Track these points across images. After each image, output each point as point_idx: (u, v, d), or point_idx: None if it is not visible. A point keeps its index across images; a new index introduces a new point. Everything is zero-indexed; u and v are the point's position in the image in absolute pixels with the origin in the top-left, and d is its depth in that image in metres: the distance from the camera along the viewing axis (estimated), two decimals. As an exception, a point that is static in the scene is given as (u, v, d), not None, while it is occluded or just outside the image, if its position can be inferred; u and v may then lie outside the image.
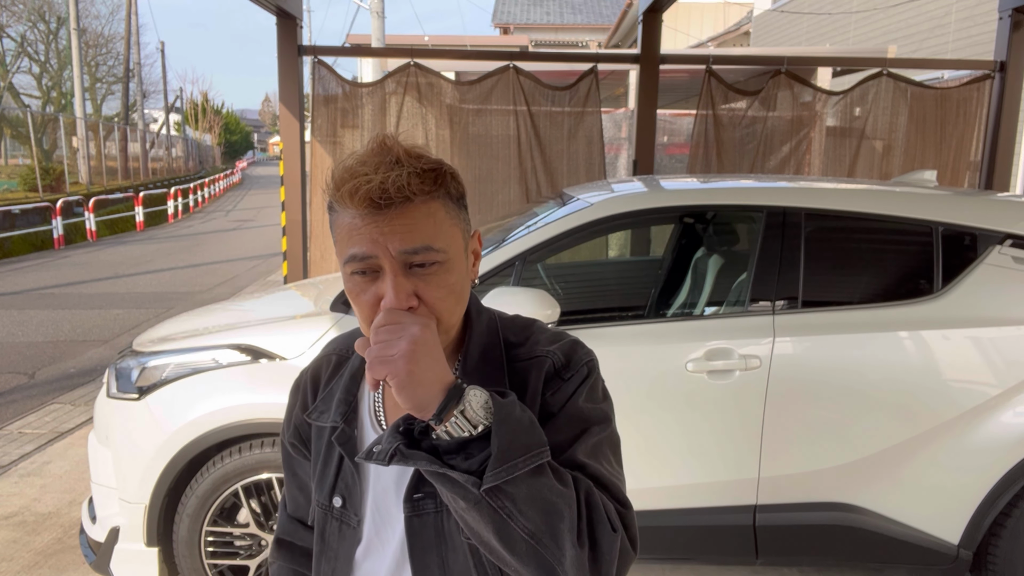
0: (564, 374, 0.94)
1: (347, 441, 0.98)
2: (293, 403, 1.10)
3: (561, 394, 0.93)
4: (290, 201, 5.16)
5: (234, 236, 15.75)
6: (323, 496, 1.00)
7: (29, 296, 9.03)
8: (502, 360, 0.95)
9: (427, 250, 0.84)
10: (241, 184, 35.06)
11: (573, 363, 0.95)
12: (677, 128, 6.76)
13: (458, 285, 0.88)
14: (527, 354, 0.96)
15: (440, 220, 0.86)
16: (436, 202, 0.86)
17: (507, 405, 0.79)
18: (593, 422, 0.92)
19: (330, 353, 1.09)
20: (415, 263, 0.84)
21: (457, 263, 0.88)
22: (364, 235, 0.83)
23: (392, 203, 0.82)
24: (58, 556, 3.14)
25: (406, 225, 0.83)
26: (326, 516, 1.00)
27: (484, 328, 0.98)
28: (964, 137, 5.39)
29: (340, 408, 1.00)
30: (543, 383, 0.93)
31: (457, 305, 0.90)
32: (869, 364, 2.47)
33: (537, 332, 1.00)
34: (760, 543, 2.54)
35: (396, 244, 0.83)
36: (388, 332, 0.79)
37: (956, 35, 9.19)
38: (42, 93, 29.11)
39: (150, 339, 2.83)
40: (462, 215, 0.91)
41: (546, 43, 21.73)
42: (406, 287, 0.84)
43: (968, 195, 2.86)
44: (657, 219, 3.63)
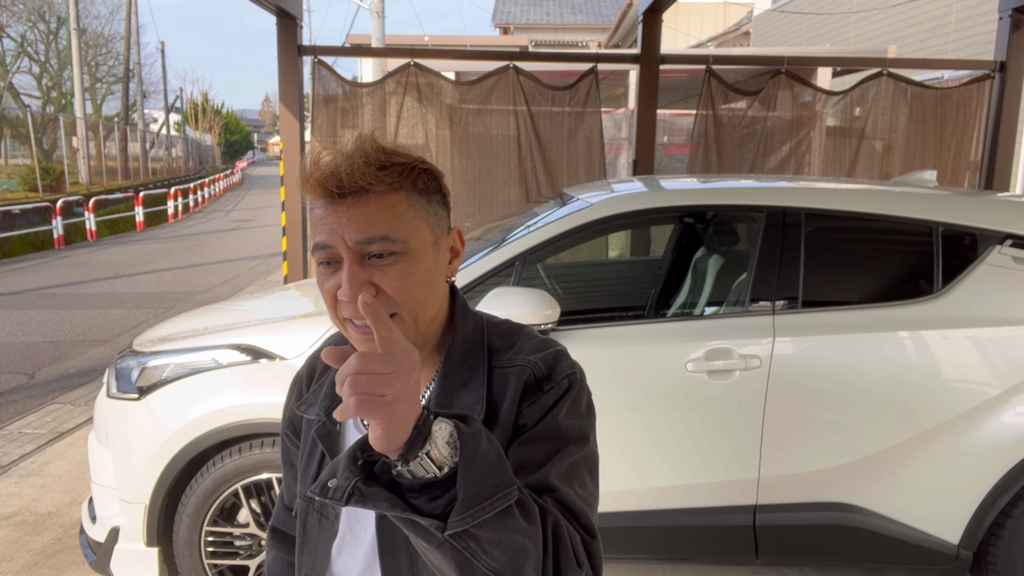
0: (544, 385, 0.92)
1: (327, 435, 0.98)
2: (290, 394, 1.12)
3: (538, 406, 0.90)
4: (290, 201, 5.16)
5: (234, 236, 15.75)
6: (306, 488, 1.01)
7: (29, 296, 9.03)
8: (483, 365, 0.94)
9: (383, 239, 0.84)
10: (241, 184, 35.06)
11: (555, 375, 0.93)
12: (677, 128, 6.76)
13: (421, 276, 0.88)
14: (509, 361, 0.94)
15: (401, 212, 0.86)
16: (397, 194, 0.86)
17: (473, 439, 0.74)
18: (570, 440, 0.90)
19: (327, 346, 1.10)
20: (372, 253, 0.85)
21: (421, 255, 0.88)
22: (325, 225, 0.85)
23: (346, 193, 0.84)
24: (58, 556, 3.14)
25: (362, 215, 0.84)
26: (308, 508, 1.02)
27: (469, 331, 0.97)
28: (964, 137, 5.39)
29: (324, 402, 1.00)
30: (521, 393, 0.91)
31: (426, 296, 0.89)
32: (869, 364, 2.47)
33: (523, 339, 0.98)
34: (760, 543, 2.54)
35: (352, 234, 0.84)
36: (378, 362, 0.70)
37: (956, 35, 9.19)
38: (42, 93, 29.12)
39: (150, 339, 2.83)
40: (432, 209, 0.90)
41: (546, 43, 21.74)
42: (360, 276, 0.84)
43: (968, 195, 2.86)
44: (657, 219, 3.63)
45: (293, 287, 3.66)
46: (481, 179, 5.28)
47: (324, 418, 0.99)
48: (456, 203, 5.26)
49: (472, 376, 0.93)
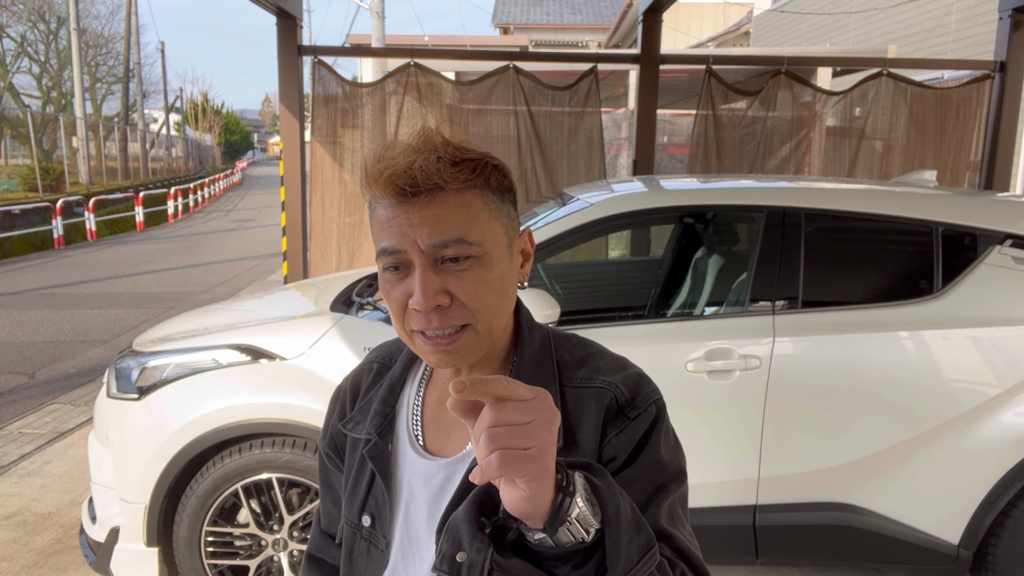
0: (629, 412, 0.84)
1: (379, 456, 0.91)
2: (331, 411, 1.02)
3: (627, 437, 0.82)
4: (290, 201, 5.16)
5: (234, 236, 15.75)
6: (352, 513, 0.94)
7: (29, 296, 9.03)
8: (555, 383, 0.86)
9: (459, 243, 0.77)
10: (241, 184, 35.06)
11: (639, 400, 0.85)
12: (677, 128, 6.76)
13: (498, 283, 0.80)
14: (585, 380, 0.86)
15: (476, 211, 0.79)
16: (472, 192, 0.79)
17: (610, 495, 0.66)
18: (669, 478, 0.83)
19: (372, 360, 1.02)
20: (446, 257, 0.78)
21: (497, 259, 0.81)
22: (393, 227, 0.78)
23: (420, 191, 0.76)
24: (58, 556, 3.14)
25: (436, 215, 0.77)
26: (355, 535, 0.93)
27: (537, 345, 0.89)
28: (964, 137, 5.40)
29: (375, 420, 0.93)
30: (604, 420, 0.82)
31: (500, 304, 0.82)
32: (869, 364, 2.47)
33: (597, 356, 0.90)
34: (760, 543, 2.54)
35: (425, 237, 0.77)
36: (517, 411, 0.61)
37: (956, 35, 9.19)
38: (42, 93, 29.12)
39: (150, 339, 2.83)
40: (506, 209, 0.83)
41: (546, 43, 21.73)
42: (435, 283, 0.77)
43: (968, 195, 2.86)
44: (657, 219, 3.63)
45: (293, 287, 3.66)
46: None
47: (376, 437, 0.91)
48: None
49: None
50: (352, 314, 2.71)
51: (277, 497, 2.58)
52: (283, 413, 2.52)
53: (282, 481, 2.57)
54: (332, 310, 2.77)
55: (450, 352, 0.80)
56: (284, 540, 2.62)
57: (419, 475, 0.88)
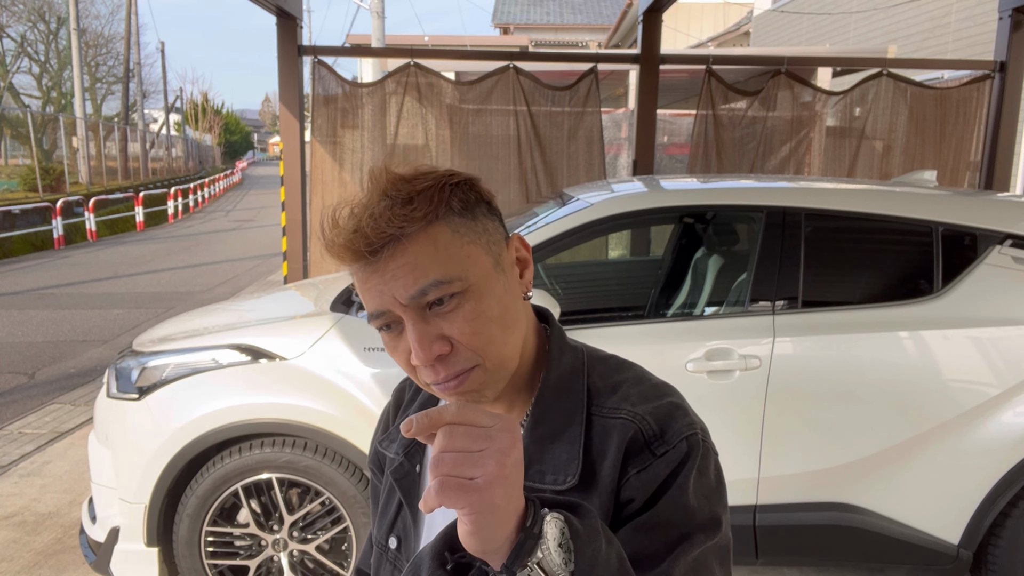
0: (656, 448, 0.74)
1: (404, 477, 0.87)
2: (378, 427, 0.99)
3: (649, 476, 0.73)
4: (290, 201, 5.16)
5: (234, 236, 15.75)
6: (380, 534, 0.91)
7: (29, 296, 9.03)
8: (582, 411, 0.78)
9: (437, 285, 0.71)
10: (241, 184, 35.06)
11: (669, 435, 0.75)
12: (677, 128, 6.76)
13: (494, 310, 0.74)
14: (612, 410, 0.78)
15: (444, 244, 0.72)
16: (435, 226, 0.72)
17: (590, 541, 0.60)
18: (698, 525, 0.72)
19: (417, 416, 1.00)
20: (431, 302, 0.72)
21: (485, 286, 0.74)
22: (370, 289, 0.73)
23: (378, 248, 0.71)
24: (58, 556, 3.14)
25: (405, 266, 0.71)
26: (381, 556, 0.90)
27: (565, 369, 0.81)
28: (964, 137, 5.40)
29: (404, 439, 0.88)
30: (625, 456, 0.74)
31: (504, 333, 0.75)
32: (869, 364, 2.47)
33: (631, 383, 0.81)
34: (760, 543, 2.54)
35: (401, 290, 0.71)
36: (467, 438, 0.57)
37: (956, 35, 9.19)
38: (42, 93, 29.12)
39: (150, 339, 2.83)
40: (480, 227, 0.76)
41: (546, 43, 21.73)
42: (429, 334, 0.72)
43: (968, 195, 2.86)
44: (657, 219, 3.63)
45: (293, 287, 3.66)
46: (481, 179, 5.28)
47: (402, 458, 0.87)
48: (456, 203, 5.25)
49: (567, 425, 0.77)
50: (352, 314, 2.71)
51: (277, 497, 2.58)
52: (283, 413, 2.52)
53: (282, 481, 2.57)
54: (332, 310, 2.77)
55: (465, 393, 0.75)
56: (284, 540, 2.62)
57: None
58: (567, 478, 0.75)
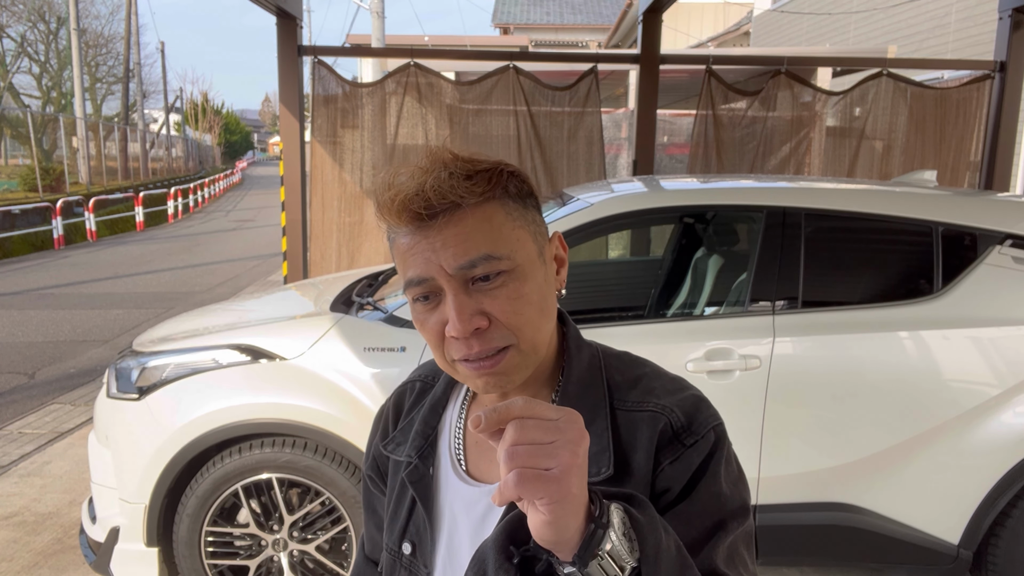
0: (685, 439, 0.78)
1: (420, 480, 0.87)
2: (374, 432, 0.98)
3: (682, 466, 0.77)
4: (290, 201, 5.16)
5: (234, 236, 15.75)
6: (392, 540, 0.90)
7: (29, 296, 9.03)
8: (605, 405, 0.81)
9: (487, 259, 0.73)
10: (241, 184, 35.06)
11: (696, 426, 0.79)
12: (677, 128, 6.76)
13: (535, 295, 0.76)
14: (637, 403, 0.81)
15: (499, 224, 0.74)
16: (492, 204, 0.75)
17: (652, 530, 0.63)
18: (729, 514, 0.77)
19: (415, 379, 0.98)
20: (476, 277, 0.73)
21: (530, 270, 0.76)
22: (416, 255, 0.74)
23: (437, 212, 0.72)
24: (58, 556, 3.14)
25: (458, 235, 0.72)
26: (395, 563, 0.89)
27: (585, 364, 0.84)
28: (964, 137, 5.40)
29: (416, 441, 0.89)
30: (657, 447, 0.78)
31: (540, 318, 0.77)
32: (869, 364, 2.47)
33: (651, 377, 0.85)
34: (760, 543, 2.55)
35: (450, 259, 0.72)
36: (538, 430, 0.58)
37: (956, 35, 9.19)
38: (42, 93, 29.12)
39: (150, 339, 2.83)
40: (530, 216, 0.78)
41: (546, 43, 21.74)
42: (469, 307, 0.73)
43: (968, 195, 2.86)
44: (657, 219, 3.63)
45: (293, 287, 3.66)
46: (530, 176, 5.28)
47: (416, 460, 0.88)
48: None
49: (593, 419, 0.80)
50: (352, 314, 2.71)
51: (277, 497, 2.58)
52: (283, 413, 2.52)
53: (282, 481, 2.57)
54: (332, 310, 2.77)
55: (495, 375, 0.76)
56: (284, 540, 2.62)
57: (461, 501, 0.84)
58: (601, 469, 0.77)
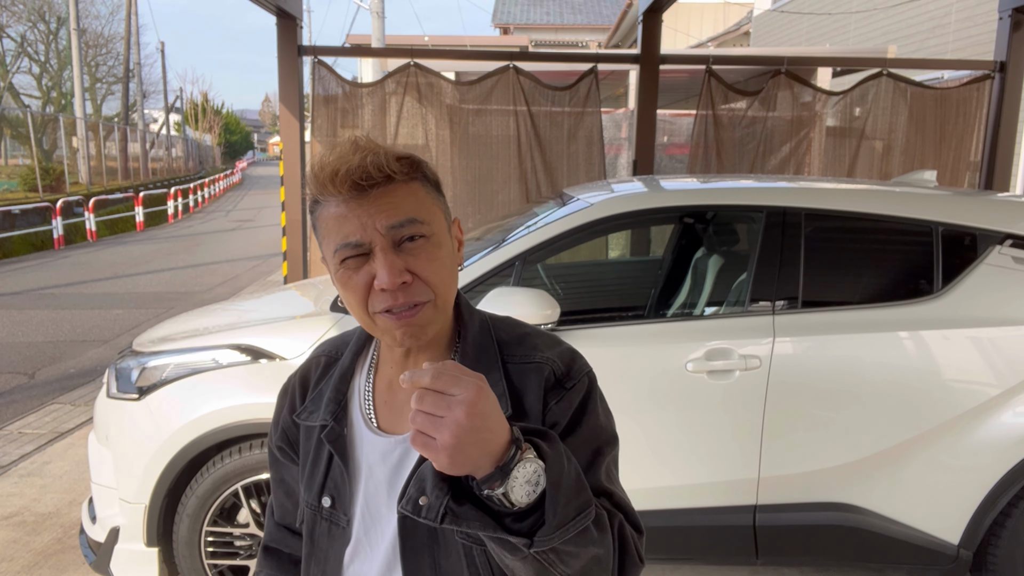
0: (566, 383, 0.93)
1: (337, 439, 0.97)
2: (281, 406, 1.08)
3: (565, 404, 0.92)
4: (290, 201, 5.16)
5: (234, 236, 15.75)
6: (312, 496, 0.99)
7: (29, 296, 9.03)
8: (498, 360, 0.95)
9: (412, 222, 0.86)
10: (241, 184, 35.05)
11: (574, 372, 0.95)
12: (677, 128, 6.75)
13: (448, 260, 0.90)
14: (524, 357, 0.95)
15: (422, 198, 0.89)
16: (415, 182, 0.89)
17: (556, 460, 0.76)
18: (605, 442, 0.93)
19: (319, 355, 1.08)
20: (403, 237, 0.86)
21: (443, 240, 0.90)
22: (351, 220, 0.85)
23: (375, 184, 0.85)
24: (58, 556, 3.14)
25: (391, 203, 0.86)
26: (315, 516, 0.99)
27: (477, 328, 0.98)
28: (964, 137, 5.40)
29: (330, 407, 0.99)
30: (544, 391, 0.92)
31: (451, 280, 0.91)
32: (869, 364, 2.47)
33: (533, 335, 0.99)
34: (760, 543, 2.54)
35: (383, 220, 0.85)
36: (433, 404, 0.72)
37: (956, 35, 9.19)
38: (42, 93, 29.12)
39: (150, 339, 2.83)
40: (441, 199, 0.93)
41: (546, 43, 21.73)
42: (398, 263, 0.85)
43: (968, 195, 2.86)
44: (657, 219, 3.63)
45: (293, 287, 3.66)
46: (481, 179, 5.28)
47: (332, 422, 0.97)
48: (456, 203, 5.27)
49: (489, 372, 0.93)
50: (352, 314, 2.70)
51: (277, 497, 2.57)
52: (283, 413, 2.51)
53: (282, 481, 2.56)
54: (332, 310, 2.77)
55: (413, 325, 0.88)
56: (284, 540, 2.62)
57: (377, 452, 0.94)
58: (504, 411, 0.86)
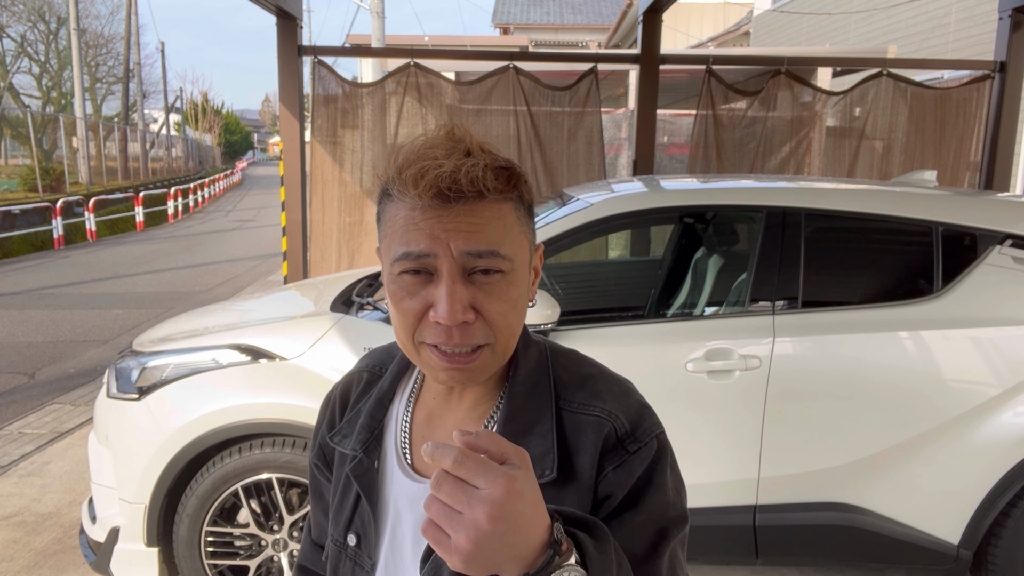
0: (628, 445, 0.79)
1: (364, 474, 0.86)
2: (320, 420, 0.98)
3: (625, 472, 0.77)
4: (290, 201, 5.16)
5: (234, 236, 15.75)
6: (338, 531, 0.90)
7: (29, 296, 9.03)
8: (551, 405, 0.81)
9: (492, 255, 0.72)
10: (241, 184, 35.05)
11: (639, 433, 0.80)
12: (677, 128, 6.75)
13: (520, 301, 0.76)
14: (583, 405, 0.81)
15: (510, 224, 0.74)
16: (508, 204, 0.74)
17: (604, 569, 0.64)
18: (672, 522, 0.78)
19: (362, 369, 0.97)
20: (477, 268, 0.72)
21: (521, 276, 0.76)
22: (422, 230, 0.71)
23: (462, 197, 0.70)
24: (58, 556, 3.14)
25: (474, 224, 0.71)
26: (340, 553, 0.90)
27: (533, 363, 0.84)
28: (964, 137, 5.39)
29: (362, 435, 0.88)
30: (601, 452, 0.78)
31: (518, 324, 0.78)
32: (869, 364, 2.47)
33: (598, 378, 0.85)
34: (760, 543, 2.54)
35: (460, 243, 0.71)
36: (452, 494, 0.58)
37: (956, 35, 9.19)
38: (42, 93, 29.11)
39: (150, 339, 2.83)
40: (530, 224, 0.79)
41: (546, 43, 21.73)
42: (463, 297, 0.72)
43: (968, 195, 2.86)
44: (657, 219, 3.63)
45: (293, 287, 3.66)
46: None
47: (361, 454, 0.87)
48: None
49: (539, 419, 0.80)
50: (352, 314, 2.71)
51: (277, 497, 2.58)
52: (283, 413, 2.52)
53: (282, 481, 2.57)
54: (332, 310, 2.77)
55: (465, 371, 0.75)
56: (284, 540, 2.62)
57: (406, 496, 0.84)
58: (545, 471, 0.77)
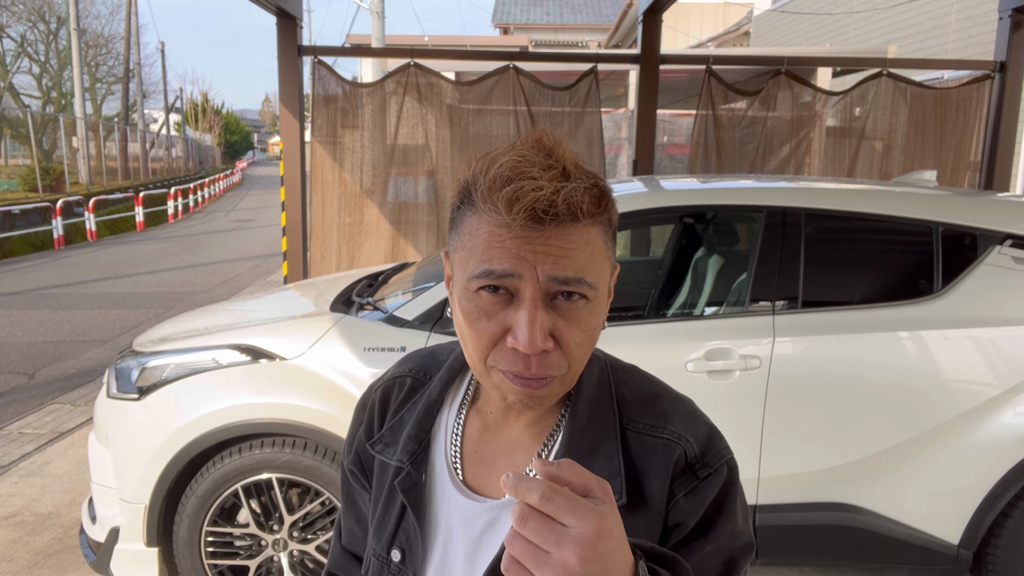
0: (699, 470, 0.76)
1: (412, 488, 0.82)
2: (357, 423, 0.92)
3: (696, 498, 0.75)
4: (290, 201, 5.16)
5: (234, 236, 15.75)
6: (380, 546, 0.85)
7: (29, 296, 9.03)
8: (615, 425, 0.78)
9: (579, 283, 0.68)
10: (241, 184, 35.04)
11: (709, 458, 0.77)
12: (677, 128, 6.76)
13: (597, 331, 0.73)
14: (650, 427, 0.78)
15: (598, 250, 0.70)
16: (597, 228, 0.70)
17: None
18: (739, 551, 0.78)
19: (404, 374, 0.91)
20: (561, 293, 0.69)
21: (601, 304, 0.73)
22: (508, 249, 0.67)
23: (556, 220, 0.67)
24: (58, 556, 3.14)
25: (564, 249, 0.67)
26: (382, 569, 0.84)
27: (595, 380, 0.80)
28: (964, 137, 5.40)
29: (408, 446, 0.83)
30: (671, 478, 0.75)
31: (589, 354, 0.75)
32: (869, 364, 2.47)
33: (664, 398, 0.82)
34: (760, 543, 2.55)
35: (548, 268, 0.67)
36: (539, 532, 0.54)
37: (956, 35, 9.19)
38: (42, 93, 29.12)
39: (150, 339, 2.83)
40: (612, 248, 0.75)
41: (546, 43, 21.73)
42: (545, 324, 0.68)
43: (968, 195, 2.86)
44: (657, 219, 3.63)
45: (293, 287, 3.66)
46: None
47: (409, 467, 0.82)
48: (456, 203, 5.26)
49: (603, 439, 0.77)
50: (352, 314, 2.71)
51: (277, 497, 2.58)
52: (283, 413, 2.52)
53: (282, 481, 2.57)
54: (332, 310, 2.77)
55: (536, 397, 0.71)
56: (284, 540, 2.62)
57: (459, 514, 0.80)
58: (617, 497, 0.73)
